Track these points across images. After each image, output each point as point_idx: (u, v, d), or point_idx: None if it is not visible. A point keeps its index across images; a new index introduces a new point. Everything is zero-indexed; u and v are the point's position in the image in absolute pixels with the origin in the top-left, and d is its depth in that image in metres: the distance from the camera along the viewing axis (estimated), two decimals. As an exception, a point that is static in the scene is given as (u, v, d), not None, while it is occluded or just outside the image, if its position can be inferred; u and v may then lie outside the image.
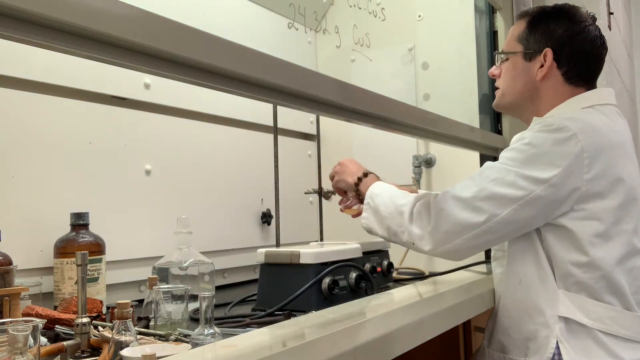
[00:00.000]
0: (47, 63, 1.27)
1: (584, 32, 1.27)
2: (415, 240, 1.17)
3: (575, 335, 1.12)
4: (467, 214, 1.13)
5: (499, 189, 1.13)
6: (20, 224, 1.21)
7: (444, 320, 1.12)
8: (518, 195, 1.11)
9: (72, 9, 0.61)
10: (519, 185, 1.12)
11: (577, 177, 1.11)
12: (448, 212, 1.14)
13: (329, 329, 0.81)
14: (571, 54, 1.27)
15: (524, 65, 1.31)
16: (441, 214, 1.15)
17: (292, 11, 1.17)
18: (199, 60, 0.78)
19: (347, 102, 1.15)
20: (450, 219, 1.14)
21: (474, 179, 1.17)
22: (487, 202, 1.13)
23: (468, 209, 1.13)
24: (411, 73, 2.03)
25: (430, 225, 1.15)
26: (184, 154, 1.60)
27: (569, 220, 1.13)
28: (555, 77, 1.28)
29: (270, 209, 1.88)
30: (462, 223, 1.13)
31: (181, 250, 1.28)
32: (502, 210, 1.12)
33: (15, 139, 1.21)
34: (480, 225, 1.12)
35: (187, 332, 0.94)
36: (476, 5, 2.01)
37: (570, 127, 1.13)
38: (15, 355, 0.63)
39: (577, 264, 1.13)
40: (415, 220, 1.18)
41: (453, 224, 1.14)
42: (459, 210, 1.14)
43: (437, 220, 1.15)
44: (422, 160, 2.03)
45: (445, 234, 1.14)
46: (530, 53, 1.30)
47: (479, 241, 1.15)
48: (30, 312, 0.95)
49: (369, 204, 1.29)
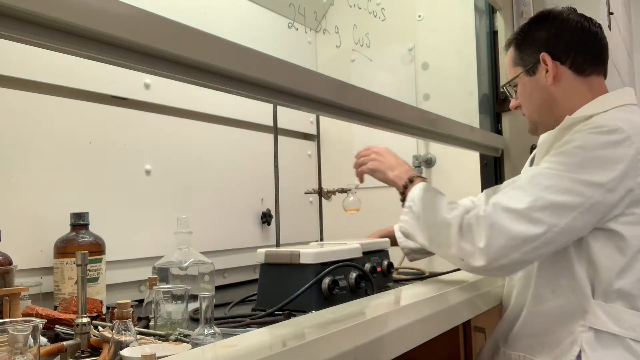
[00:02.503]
0: (47, 63, 1.27)
1: (566, 22, 1.28)
2: (466, 256, 1.10)
3: (603, 344, 1.10)
4: (524, 226, 1.06)
5: (556, 197, 1.06)
6: (20, 224, 1.21)
7: (444, 320, 1.12)
8: (577, 202, 1.06)
9: (72, 9, 0.61)
10: (576, 192, 1.06)
11: (631, 180, 1.07)
12: (502, 226, 1.06)
13: (329, 329, 0.81)
14: (566, 46, 1.26)
15: (531, 81, 1.31)
16: (494, 228, 1.07)
17: (292, 11, 1.17)
18: (199, 60, 0.78)
19: (347, 102, 1.15)
20: (505, 233, 1.06)
21: (523, 188, 1.10)
22: (545, 212, 1.06)
23: (524, 220, 1.06)
24: (411, 73, 2.03)
25: (482, 241, 1.07)
26: (184, 154, 1.60)
27: (619, 224, 1.09)
28: (566, 75, 1.27)
29: (270, 209, 1.88)
30: (519, 236, 1.05)
31: (181, 250, 1.28)
32: (561, 219, 1.06)
33: (15, 139, 1.21)
34: (539, 237, 1.05)
35: (187, 332, 0.94)
36: (476, 5, 2.02)
37: (623, 128, 1.09)
38: (15, 355, 0.63)
39: (620, 269, 1.10)
40: (465, 235, 1.10)
41: (509, 238, 1.06)
42: (514, 223, 1.06)
43: (490, 235, 1.07)
44: (422, 160, 2.04)
45: (500, 249, 1.06)
46: (530, 68, 1.30)
47: (536, 254, 1.08)
48: (30, 312, 0.95)
49: (410, 208, 1.24)
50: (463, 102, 1.97)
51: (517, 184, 1.13)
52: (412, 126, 1.43)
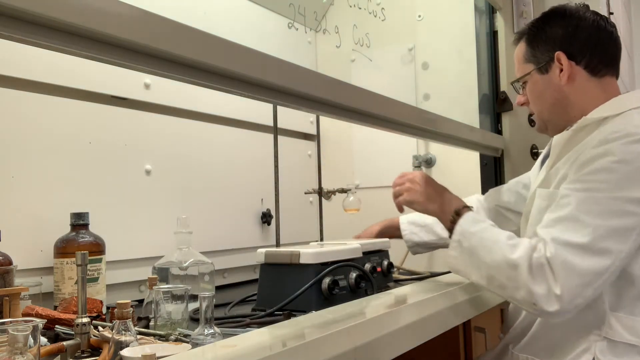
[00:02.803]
0: (47, 63, 1.27)
1: (583, 20, 1.24)
2: (539, 300, 1.03)
3: (616, 352, 1.09)
4: (593, 260, 1.02)
5: (613, 222, 1.03)
6: (20, 224, 1.21)
7: (444, 320, 1.12)
8: (634, 223, 1.03)
9: (72, 9, 0.61)
10: (629, 211, 1.03)
11: None
12: (573, 265, 1.02)
13: (329, 329, 0.81)
14: (582, 45, 1.23)
15: (543, 79, 1.28)
16: (566, 269, 1.02)
17: (292, 11, 1.17)
18: (199, 60, 0.78)
19: (347, 102, 1.15)
20: (577, 271, 1.01)
21: (576, 218, 1.05)
22: (609, 240, 1.02)
23: (591, 253, 1.02)
24: (411, 73, 2.03)
25: (557, 285, 1.01)
26: (184, 154, 1.60)
27: None
28: (580, 74, 1.24)
29: (270, 209, 1.88)
30: (591, 271, 1.02)
31: (181, 250, 1.28)
32: (625, 244, 1.03)
33: (15, 139, 1.21)
34: (609, 267, 1.02)
35: (187, 332, 0.94)
36: (476, 5, 2.01)
37: None
38: (15, 355, 0.63)
39: None
40: (536, 277, 1.03)
41: (582, 276, 1.01)
42: (583, 259, 1.02)
43: (564, 276, 1.01)
44: (422, 160, 2.04)
45: (576, 288, 1.02)
46: (543, 66, 1.27)
47: (605, 285, 1.05)
48: (30, 312, 0.95)
49: (460, 243, 1.17)
50: (463, 102, 1.96)
51: (567, 214, 1.07)
52: (412, 126, 1.43)
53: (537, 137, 2.01)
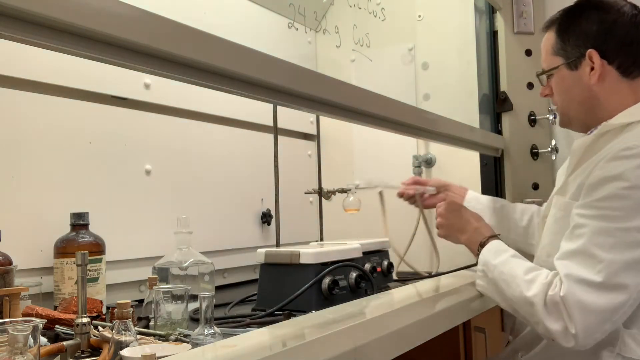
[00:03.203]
0: (47, 63, 1.27)
1: (621, 16, 1.17)
2: (557, 336, 1.04)
3: None
4: (609, 296, 1.00)
5: (628, 255, 1.00)
6: (20, 224, 1.21)
7: (444, 320, 1.12)
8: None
9: (72, 9, 0.61)
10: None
11: None
12: (588, 304, 1.00)
13: (329, 329, 0.81)
14: (617, 44, 1.16)
15: (571, 75, 1.22)
16: (580, 307, 1.00)
17: (292, 11, 1.17)
18: (199, 60, 0.78)
19: (347, 102, 1.15)
20: (594, 310, 1.00)
21: (590, 253, 1.02)
22: (623, 274, 1.00)
23: (606, 290, 1.00)
24: (411, 73, 2.03)
25: (572, 324, 1.01)
26: (184, 154, 1.60)
27: None
28: (611, 75, 1.18)
29: (270, 209, 1.88)
30: (608, 308, 1.00)
31: (181, 250, 1.28)
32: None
33: (15, 139, 1.21)
34: (627, 301, 1.01)
35: (187, 332, 0.94)
36: (476, 5, 2.01)
37: None
38: (15, 355, 0.63)
39: None
40: (551, 314, 1.03)
41: (598, 313, 1.00)
42: (599, 297, 1.00)
43: (579, 316, 1.00)
44: (422, 160, 2.03)
45: (593, 326, 1.01)
46: (572, 61, 1.21)
47: (624, 317, 1.04)
48: (30, 312, 0.95)
49: (484, 273, 1.20)
50: (463, 102, 1.96)
51: (581, 247, 1.04)
52: (412, 126, 1.43)
53: (537, 137, 2.01)
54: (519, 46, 2.06)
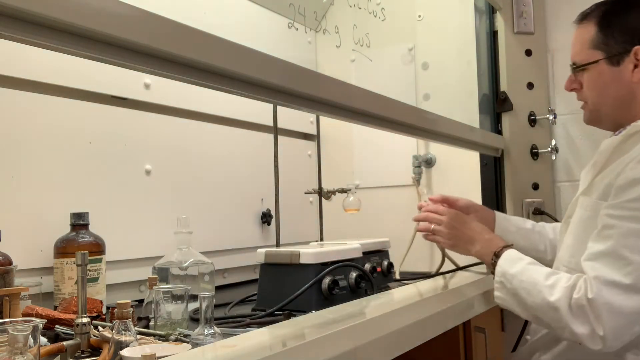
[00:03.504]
0: (47, 63, 1.27)
1: None
2: (584, 340, 1.03)
3: None
4: (638, 298, 1.00)
5: None
6: (20, 224, 1.21)
7: (444, 320, 1.12)
8: None
9: (72, 9, 0.61)
10: None
11: None
12: (616, 307, 1.00)
13: (329, 329, 0.81)
14: None
15: (611, 71, 1.18)
16: (609, 311, 1.00)
17: (292, 11, 1.17)
18: (199, 60, 0.78)
19: (347, 102, 1.15)
20: (621, 313, 1.00)
21: (619, 255, 1.02)
22: None
23: (635, 292, 1.00)
24: (411, 73, 2.02)
25: (600, 326, 1.00)
26: (184, 154, 1.60)
27: None
28: None
29: (270, 209, 1.88)
30: (637, 311, 1.00)
31: (181, 250, 1.28)
32: None
33: (15, 139, 1.21)
34: None
35: (187, 332, 0.94)
36: (476, 5, 2.01)
37: None
38: (15, 355, 0.63)
39: None
40: (578, 317, 1.03)
41: (627, 315, 1.00)
42: (627, 300, 0.99)
43: (607, 319, 1.00)
44: (422, 160, 2.04)
45: (621, 329, 1.01)
46: (614, 57, 1.16)
47: None
48: (30, 312, 0.95)
49: (503, 284, 1.18)
50: (463, 102, 1.96)
51: (610, 248, 1.04)
52: (412, 126, 1.43)
53: (537, 137, 2.01)
54: (519, 46, 2.06)
